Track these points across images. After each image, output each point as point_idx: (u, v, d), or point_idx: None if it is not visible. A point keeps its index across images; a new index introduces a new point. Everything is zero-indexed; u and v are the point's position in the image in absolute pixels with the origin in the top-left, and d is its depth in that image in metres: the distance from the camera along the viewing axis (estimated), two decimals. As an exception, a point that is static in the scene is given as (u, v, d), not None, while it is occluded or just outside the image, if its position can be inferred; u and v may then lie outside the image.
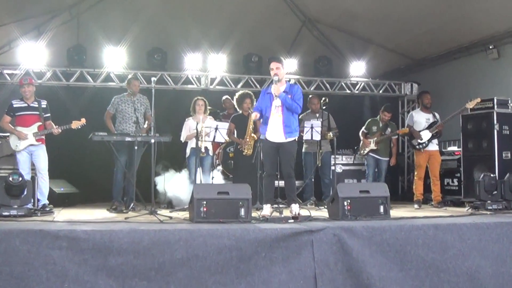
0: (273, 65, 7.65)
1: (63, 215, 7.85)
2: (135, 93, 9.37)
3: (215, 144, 9.79)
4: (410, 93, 13.35)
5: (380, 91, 13.33)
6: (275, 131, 7.60)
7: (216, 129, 9.09)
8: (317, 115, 10.53)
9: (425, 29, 11.37)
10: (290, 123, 7.59)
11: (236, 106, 10.05)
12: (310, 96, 10.91)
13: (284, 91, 7.60)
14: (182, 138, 9.68)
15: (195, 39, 11.86)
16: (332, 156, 10.64)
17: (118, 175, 9.16)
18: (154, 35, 11.77)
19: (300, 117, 10.27)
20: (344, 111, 12.04)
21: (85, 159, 11.62)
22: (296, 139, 7.72)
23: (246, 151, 9.48)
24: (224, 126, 9.28)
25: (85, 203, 10.43)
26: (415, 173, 10.25)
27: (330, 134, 10.19)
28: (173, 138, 8.77)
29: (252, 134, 9.45)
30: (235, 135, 9.79)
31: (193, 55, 12.07)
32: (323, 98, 10.44)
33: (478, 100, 9.67)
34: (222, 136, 9.17)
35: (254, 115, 7.73)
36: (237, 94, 10.03)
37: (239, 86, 12.34)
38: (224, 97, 11.58)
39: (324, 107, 10.36)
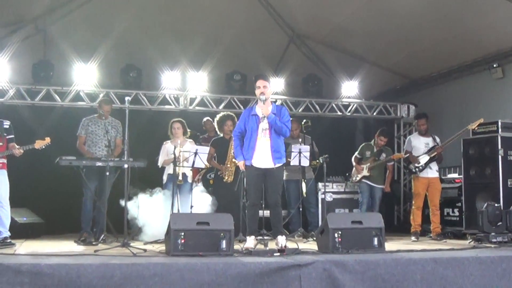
0: (260, 83, 7.71)
1: (25, 248, 7.79)
2: (106, 115, 9.42)
3: (195, 170, 9.81)
4: (406, 115, 13.47)
5: (374, 113, 13.42)
6: (263, 156, 7.64)
7: (196, 153, 9.12)
8: (300, 140, 10.59)
9: (423, 46, 11.48)
10: (278, 147, 7.66)
11: (217, 129, 10.11)
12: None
13: (272, 113, 7.67)
14: (159, 163, 9.70)
15: (173, 56, 11.91)
16: (322, 184, 10.69)
17: (88, 204, 9.13)
18: (128, 51, 11.82)
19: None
20: (335, 135, 12.12)
21: (51, 186, 11.51)
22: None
23: (226, 177, 9.50)
24: (204, 150, 9.32)
25: (51, 234, 10.32)
26: (413, 202, 10.31)
27: (320, 160, 10.25)
28: (149, 163, 8.76)
29: (234, 159, 9.47)
30: (216, 160, 9.82)
31: (170, 73, 12.10)
32: (304, 121, 10.52)
33: (481, 120, 9.76)
34: (202, 161, 9.20)
35: (242, 164, 7.75)
36: (218, 116, 10.12)
37: (220, 107, 12.40)
38: (204, 119, 11.63)
39: (305, 131, 10.48)
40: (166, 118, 10.61)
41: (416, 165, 10.13)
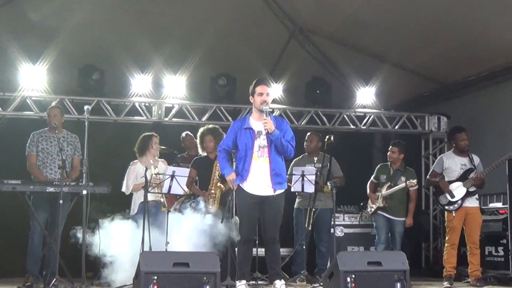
0: (262, 89, 7.78)
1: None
2: (59, 128, 9.39)
3: (171, 197, 9.79)
4: (436, 129, 13.48)
5: (396, 127, 13.47)
6: (260, 181, 7.68)
7: (173, 176, 9.10)
8: (315, 159, 10.62)
9: (457, 42, 11.48)
10: (280, 170, 7.74)
11: (198, 146, 10.11)
12: (309, 133, 11.05)
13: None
14: (127, 190, 9.66)
15: (144, 55, 11.94)
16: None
17: (35, 240, 9.09)
18: (87, 48, 11.81)
19: (292, 163, 10.42)
20: (347, 154, 12.11)
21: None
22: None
23: (210, 206, 9.49)
24: (183, 172, 9.28)
25: (-12, 278, 10.31)
26: (446, 238, 10.28)
27: (328, 185, 10.23)
28: (114, 188, 8.75)
29: (219, 184, 9.49)
30: (198, 185, 9.82)
31: (141, 76, 12.11)
32: (328, 136, 10.52)
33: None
34: (180, 187, 9.16)
35: (232, 179, 7.78)
36: (199, 131, 10.10)
37: (204, 118, 12.43)
38: (183, 134, 11.64)
39: (326, 148, 10.51)
40: (135, 132, 10.63)
41: (450, 198, 10.12)
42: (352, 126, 13.29)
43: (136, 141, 9.87)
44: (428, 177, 10.72)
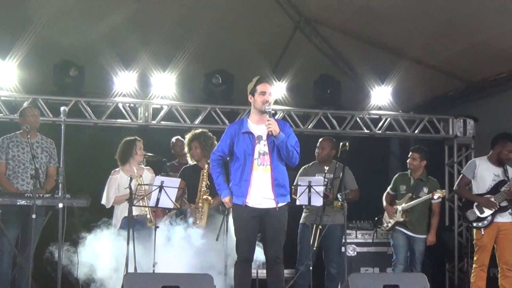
0: (264, 87, 7.75)
1: None
2: (33, 132, 9.37)
3: (160, 212, 9.76)
4: (462, 134, 13.50)
5: (416, 131, 13.47)
6: (260, 192, 7.65)
7: (161, 187, 9.07)
8: (326, 168, 10.59)
9: (486, 35, 11.47)
10: (283, 179, 7.72)
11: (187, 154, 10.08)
12: (321, 139, 10.99)
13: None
14: (107, 202, 9.63)
15: (129, 49, 11.95)
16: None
17: (4, 261, 9.10)
18: (63, 41, 11.71)
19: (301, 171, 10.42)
20: (360, 162, 12.09)
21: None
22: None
23: (197, 221, 9.47)
24: (173, 183, 9.24)
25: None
26: (474, 258, 10.28)
27: (339, 198, 10.18)
28: (93, 201, 8.72)
29: (205, 196, 9.47)
30: (186, 197, 9.79)
31: (126, 74, 12.11)
32: (343, 143, 10.49)
33: None
34: (170, 199, 9.13)
35: (228, 201, 7.78)
36: (186, 137, 10.06)
37: (197, 121, 12.42)
38: (173, 139, 11.65)
39: (339, 156, 10.47)
40: (118, 136, 10.53)
41: (479, 214, 10.09)
42: (365, 130, 13.28)
43: (118, 147, 9.83)
44: (457, 184, 10.63)
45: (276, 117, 8.05)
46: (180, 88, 12.46)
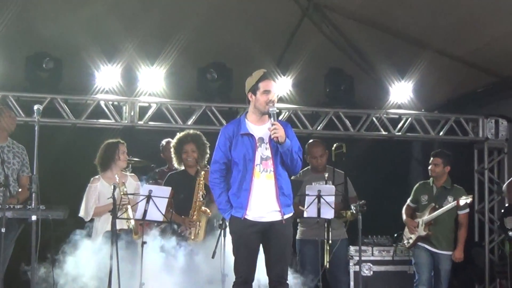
0: (268, 85, 7.67)
1: None
2: (3, 135, 9.38)
3: (146, 225, 9.74)
4: (494, 136, 13.50)
5: (441, 133, 13.51)
6: (263, 203, 7.60)
7: (149, 197, 9.05)
8: (326, 175, 10.55)
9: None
10: (288, 188, 7.69)
11: (173, 158, 10.05)
12: (310, 141, 10.93)
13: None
14: (86, 215, 9.61)
15: (113, 39, 11.96)
16: (354, 249, 10.64)
17: (-29, 280, 9.09)
18: (38, 30, 11.74)
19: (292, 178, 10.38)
20: (376, 169, 12.09)
21: None
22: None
23: (193, 236, 9.45)
24: (163, 192, 9.23)
25: None
26: (508, 278, 10.28)
27: (352, 209, 10.16)
28: (71, 212, 8.72)
29: (203, 208, 9.45)
30: (174, 209, 9.76)
31: (109, 68, 12.12)
32: (336, 145, 10.48)
33: None
34: (159, 211, 9.11)
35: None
36: (176, 137, 10.05)
37: (190, 121, 12.46)
38: (163, 142, 11.64)
39: (334, 161, 10.45)
40: (100, 139, 10.51)
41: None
42: (383, 132, 13.32)
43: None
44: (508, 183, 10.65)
45: (280, 118, 7.95)
46: (171, 83, 12.48)
